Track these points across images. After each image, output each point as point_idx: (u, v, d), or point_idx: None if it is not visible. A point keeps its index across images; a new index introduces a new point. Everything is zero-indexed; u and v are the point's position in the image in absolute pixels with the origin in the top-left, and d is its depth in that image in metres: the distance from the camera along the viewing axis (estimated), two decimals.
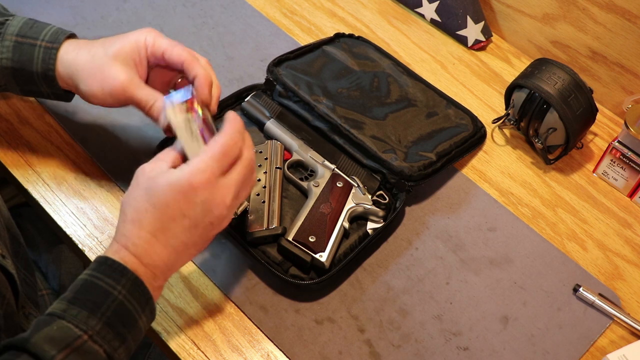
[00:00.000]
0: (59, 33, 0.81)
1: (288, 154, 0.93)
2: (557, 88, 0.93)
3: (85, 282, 0.66)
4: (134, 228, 0.68)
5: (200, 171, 0.67)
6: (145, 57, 0.79)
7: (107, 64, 0.77)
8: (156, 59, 0.79)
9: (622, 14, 0.98)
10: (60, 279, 1.01)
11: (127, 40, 0.78)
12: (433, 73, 1.10)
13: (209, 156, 0.68)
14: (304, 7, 1.16)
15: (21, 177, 0.89)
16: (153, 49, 0.79)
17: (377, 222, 0.88)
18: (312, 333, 0.80)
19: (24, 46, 0.80)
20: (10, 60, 0.81)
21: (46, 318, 0.63)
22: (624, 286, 0.88)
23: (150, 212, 0.67)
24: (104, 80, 0.78)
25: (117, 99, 0.79)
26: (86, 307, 0.63)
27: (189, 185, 0.67)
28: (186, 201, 0.67)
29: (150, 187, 0.68)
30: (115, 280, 0.65)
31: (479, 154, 1.01)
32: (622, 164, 0.96)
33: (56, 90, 0.83)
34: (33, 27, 0.82)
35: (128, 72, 0.78)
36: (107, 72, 0.77)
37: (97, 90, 0.79)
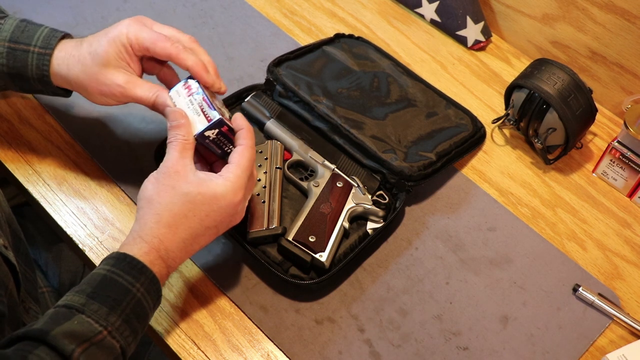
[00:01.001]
0: (50, 37, 0.81)
1: (288, 154, 0.93)
2: (557, 88, 0.93)
3: (104, 277, 0.67)
4: (169, 233, 0.70)
5: (240, 187, 0.73)
6: (132, 54, 0.79)
7: (99, 73, 0.78)
8: (144, 53, 0.79)
9: (621, 14, 0.98)
10: (60, 277, 1.01)
11: (110, 43, 0.78)
12: (433, 73, 1.10)
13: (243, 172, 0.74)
14: (304, 7, 1.16)
15: (22, 177, 0.89)
16: (137, 46, 0.78)
17: (377, 222, 0.88)
18: (312, 333, 0.80)
19: (17, 52, 0.81)
20: (5, 66, 0.81)
21: (64, 311, 0.64)
22: (623, 286, 0.89)
23: (189, 219, 0.71)
24: (101, 88, 0.79)
25: (118, 100, 0.80)
26: (107, 303, 0.65)
27: (229, 201, 0.72)
28: (223, 213, 0.73)
29: (194, 194, 0.71)
30: (135, 277, 0.67)
31: (479, 154, 1.01)
32: (622, 164, 0.96)
33: (54, 89, 0.83)
34: (25, 30, 0.81)
35: (121, 75, 0.78)
36: (102, 80, 0.78)
37: (97, 97, 0.80)
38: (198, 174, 0.72)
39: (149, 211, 0.71)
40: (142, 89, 0.78)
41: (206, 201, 0.71)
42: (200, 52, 0.80)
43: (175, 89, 0.79)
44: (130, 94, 0.78)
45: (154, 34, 0.79)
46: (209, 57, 0.81)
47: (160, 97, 0.78)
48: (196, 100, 0.77)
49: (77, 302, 0.65)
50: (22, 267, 0.84)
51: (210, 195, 0.71)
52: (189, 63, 0.78)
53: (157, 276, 0.69)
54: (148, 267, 0.68)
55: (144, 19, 0.81)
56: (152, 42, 0.78)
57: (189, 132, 0.74)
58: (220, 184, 0.72)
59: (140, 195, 0.73)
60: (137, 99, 0.78)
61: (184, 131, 0.73)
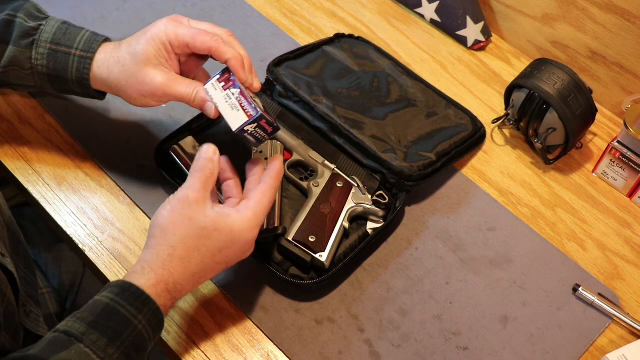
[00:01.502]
0: (92, 41, 0.82)
1: (288, 154, 0.93)
2: (557, 88, 0.93)
3: (107, 307, 0.65)
4: (181, 266, 0.69)
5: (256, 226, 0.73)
6: (172, 52, 0.79)
7: (139, 72, 0.78)
8: (183, 50, 0.79)
9: (621, 14, 0.98)
10: (60, 277, 1.01)
11: (150, 42, 0.78)
12: (433, 73, 1.10)
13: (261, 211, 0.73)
14: (304, 7, 1.16)
15: (21, 177, 0.89)
16: (177, 43, 0.78)
17: (377, 222, 0.88)
18: (312, 333, 0.80)
19: (58, 54, 0.81)
20: (45, 67, 0.82)
21: (64, 338, 0.62)
22: (623, 286, 0.89)
23: (202, 253, 0.70)
24: (141, 87, 0.78)
25: (159, 99, 0.80)
26: (106, 334, 0.63)
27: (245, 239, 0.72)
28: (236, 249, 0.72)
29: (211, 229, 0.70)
30: (138, 309, 0.66)
31: (479, 154, 1.01)
32: (622, 164, 0.96)
33: (91, 92, 0.84)
34: (67, 33, 0.82)
35: (162, 73, 0.78)
36: (142, 80, 0.78)
37: (138, 97, 0.80)
38: (215, 209, 0.71)
39: (163, 242, 0.69)
40: (183, 86, 0.78)
41: (222, 238, 0.70)
42: (237, 46, 0.80)
43: (211, 83, 0.79)
44: (171, 92, 0.78)
45: (193, 29, 0.78)
46: (245, 51, 0.80)
47: (200, 93, 0.78)
48: (234, 95, 0.77)
49: (77, 330, 0.63)
50: (22, 271, 0.83)
51: (227, 232, 0.71)
52: (228, 56, 0.77)
53: (160, 309, 0.68)
54: (153, 299, 0.67)
55: (180, 17, 0.81)
56: (192, 37, 0.78)
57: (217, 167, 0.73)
58: (238, 222, 0.71)
59: (154, 222, 0.71)
60: (178, 97, 0.79)
61: (213, 165, 0.73)
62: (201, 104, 0.78)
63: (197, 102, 0.78)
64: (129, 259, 0.84)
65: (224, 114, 0.77)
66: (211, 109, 0.78)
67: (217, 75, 0.79)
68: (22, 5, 0.84)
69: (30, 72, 0.83)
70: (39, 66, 0.82)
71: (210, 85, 0.79)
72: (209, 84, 0.79)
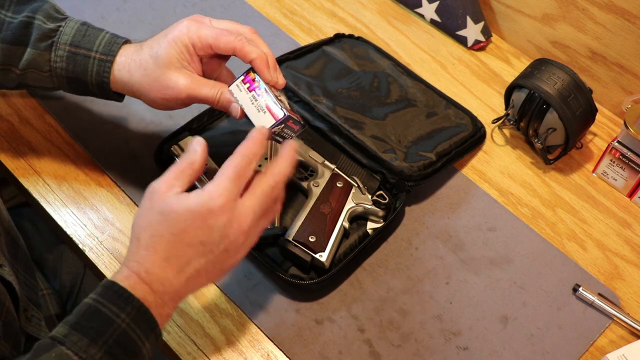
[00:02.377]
0: (112, 43, 0.80)
1: None
2: (557, 88, 0.93)
3: (89, 307, 0.64)
4: (148, 254, 0.66)
5: (218, 195, 0.65)
6: (194, 54, 0.77)
7: (162, 76, 0.76)
8: (206, 51, 0.77)
9: (621, 14, 0.98)
10: (61, 278, 1.01)
11: (171, 44, 0.76)
12: (433, 73, 1.10)
13: (223, 179, 0.66)
14: (304, 7, 1.16)
15: (21, 177, 0.89)
16: (199, 44, 0.77)
17: (377, 222, 0.88)
18: (312, 333, 0.80)
19: (77, 57, 0.80)
20: (64, 70, 0.81)
21: (47, 342, 0.61)
22: (623, 286, 0.89)
23: (166, 238, 0.66)
24: (164, 91, 0.77)
25: (182, 102, 0.79)
26: (88, 334, 0.61)
27: (207, 210, 0.65)
28: (203, 226, 0.66)
29: (167, 212, 0.66)
30: (120, 308, 0.63)
31: (479, 154, 1.01)
32: (622, 164, 0.96)
33: (110, 95, 0.83)
34: (86, 35, 0.81)
35: (185, 76, 0.77)
36: (165, 83, 0.76)
37: (160, 100, 0.79)
38: (179, 194, 0.67)
39: (132, 237, 0.67)
40: (207, 88, 0.77)
41: (180, 217, 0.65)
42: (261, 44, 0.78)
43: (236, 84, 0.77)
44: (195, 94, 0.77)
45: (215, 29, 0.77)
46: (268, 49, 0.79)
47: (224, 94, 0.77)
48: (260, 97, 0.76)
49: (60, 333, 0.62)
50: (22, 275, 0.83)
51: (184, 210, 0.65)
52: (253, 56, 0.76)
53: (144, 304, 0.64)
54: (135, 295, 0.64)
55: (201, 17, 0.79)
56: (215, 37, 0.76)
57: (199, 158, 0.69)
58: (193, 196, 0.66)
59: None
60: (202, 98, 0.77)
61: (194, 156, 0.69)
62: (226, 105, 0.77)
63: (221, 104, 0.77)
64: None
65: (250, 116, 0.76)
66: (237, 110, 0.77)
67: (242, 77, 0.77)
68: (41, 7, 0.82)
69: (48, 74, 0.82)
70: (58, 69, 0.81)
71: (235, 87, 0.77)
72: (234, 85, 0.77)
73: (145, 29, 1.08)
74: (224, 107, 0.78)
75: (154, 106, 0.80)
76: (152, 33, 1.07)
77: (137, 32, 1.08)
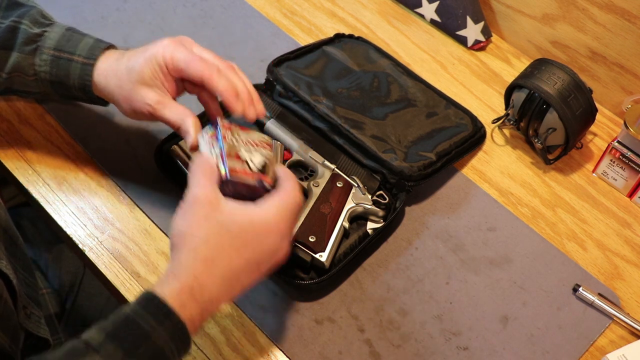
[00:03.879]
0: (94, 48, 0.81)
1: (288, 154, 0.93)
2: (557, 88, 0.93)
3: (127, 318, 0.61)
4: (205, 268, 0.64)
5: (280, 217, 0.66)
6: (168, 74, 0.77)
7: (133, 90, 0.77)
8: (178, 74, 0.78)
9: (621, 14, 0.98)
10: (60, 278, 1.01)
11: (147, 62, 0.77)
12: (433, 73, 1.10)
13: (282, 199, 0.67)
14: (304, 7, 1.16)
15: (21, 177, 0.89)
16: (172, 66, 0.77)
17: (377, 222, 0.88)
18: (312, 333, 0.80)
19: (61, 61, 0.82)
20: (48, 73, 0.82)
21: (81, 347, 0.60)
22: (623, 286, 0.89)
23: (227, 251, 0.64)
24: (132, 104, 0.78)
25: (147, 118, 0.79)
26: (123, 347, 0.60)
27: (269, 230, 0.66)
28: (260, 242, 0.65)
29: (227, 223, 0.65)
30: (159, 322, 0.61)
31: (479, 154, 1.01)
32: (622, 164, 0.96)
33: (94, 98, 0.84)
34: (70, 39, 0.82)
35: (154, 95, 0.77)
36: (135, 98, 0.77)
37: (130, 112, 0.80)
38: (230, 202, 0.66)
39: (183, 247, 0.64)
40: (171, 112, 0.77)
41: (243, 229, 0.65)
42: (235, 78, 0.78)
43: (205, 129, 0.75)
44: (159, 115, 0.77)
45: (190, 55, 0.76)
46: (248, 82, 0.79)
47: (184, 124, 0.76)
48: (215, 150, 0.72)
49: (95, 340, 0.60)
50: (20, 273, 0.83)
51: (247, 223, 0.65)
52: (220, 87, 0.75)
53: (185, 322, 0.62)
54: (175, 311, 0.61)
55: (185, 40, 0.79)
56: (186, 62, 0.76)
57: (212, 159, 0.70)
58: (256, 210, 0.66)
59: (172, 233, 0.66)
60: (164, 120, 0.78)
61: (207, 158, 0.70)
62: (184, 135, 0.76)
63: (181, 133, 0.77)
64: (129, 259, 0.84)
65: None
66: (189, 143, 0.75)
67: (208, 126, 0.75)
68: (28, 12, 0.84)
69: (33, 78, 0.83)
70: (42, 72, 0.82)
71: (203, 131, 0.75)
72: (204, 129, 0.75)
73: (145, 29, 1.08)
74: (182, 136, 0.77)
75: (126, 115, 0.81)
76: (152, 33, 1.07)
77: (137, 32, 1.08)
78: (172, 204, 0.88)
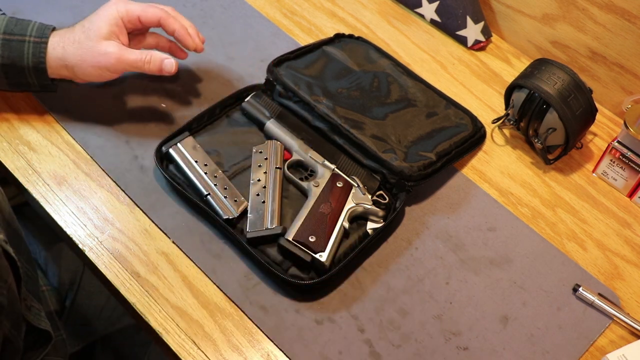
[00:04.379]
0: (43, 28, 0.88)
1: (288, 154, 0.93)
2: (557, 88, 0.93)
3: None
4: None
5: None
6: (123, 26, 0.89)
7: (94, 46, 0.87)
8: (133, 24, 0.90)
9: (621, 14, 0.98)
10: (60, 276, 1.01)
11: (102, 18, 0.87)
12: (433, 73, 1.10)
13: None
14: (304, 7, 1.16)
15: (21, 177, 0.89)
16: (128, 17, 0.88)
17: (377, 222, 0.88)
18: (312, 333, 0.80)
19: (12, 43, 0.86)
20: (0, 57, 0.85)
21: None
22: (623, 286, 0.89)
23: None
24: (96, 59, 0.87)
25: (113, 70, 0.88)
26: None
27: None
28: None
29: None
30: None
31: (479, 154, 1.01)
32: (622, 164, 0.96)
33: (44, 81, 0.89)
34: (17, 24, 0.87)
35: (115, 44, 0.87)
36: (97, 51, 0.87)
37: (93, 70, 0.88)
38: None
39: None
40: (136, 53, 0.88)
41: None
42: (182, 19, 0.92)
43: None
44: (124, 58, 0.87)
45: (142, 5, 0.90)
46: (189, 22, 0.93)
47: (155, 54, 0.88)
48: None
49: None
50: (24, 265, 0.84)
51: None
52: (175, 26, 0.90)
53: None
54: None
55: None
56: (143, 9, 0.89)
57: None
58: None
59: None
60: (131, 62, 0.88)
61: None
62: (158, 63, 0.88)
63: (152, 63, 0.88)
64: (129, 259, 0.84)
65: None
66: (171, 64, 0.89)
67: None
68: None
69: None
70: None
71: None
72: None
73: None
74: (156, 65, 0.88)
75: (87, 78, 0.89)
76: None
77: None
78: (172, 204, 0.88)
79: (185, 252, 0.85)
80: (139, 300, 0.80)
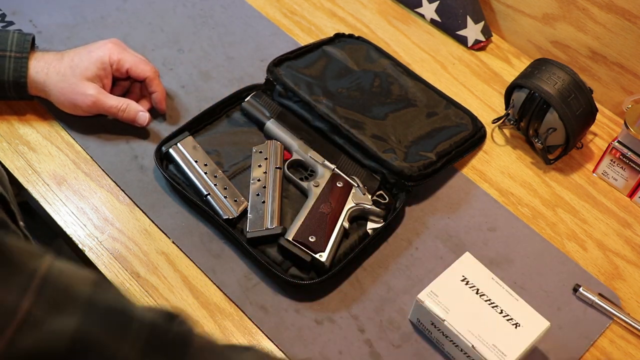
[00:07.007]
0: (22, 40, 0.89)
1: (288, 154, 0.93)
2: (557, 88, 0.93)
3: None
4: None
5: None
6: (110, 73, 0.91)
7: (76, 84, 0.89)
8: (120, 73, 0.92)
9: (622, 14, 0.98)
10: None
11: (93, 60, 0.90)
12: (433, 73, 1.10)
13: None
14: (304, 7, 1.16)
15: (21, 177, 0.89)
16: (118, 66, 0.91)
17: (377, 222, 0.88)
18: (312, 333, 0.80)
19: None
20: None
21: None
22: (623, 286, 0.88)
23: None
24: (74, 97, 0.89)
25: (87, 111, 0.91)
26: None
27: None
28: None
29: None
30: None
31: (479, 154, 1.01)
32: (622, 164, 0.96)
33: (24, 95, 0.91)
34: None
35: (95, 88, 0.90)
36: (77, 90, 0.89)
37: (68, 104, 0.90)
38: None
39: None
40: (114, 100, 0.91)
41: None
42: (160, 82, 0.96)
43: None
44: (100, 105, 0.90)
45: (134, 58, 0.92)
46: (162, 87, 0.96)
47: (132, 105, 0.91)
48: None
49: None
50: None
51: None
52: (158, 89, 0.94)
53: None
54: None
55: (120, 43, 0.93)
56: (134, 64, 0.92)
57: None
58: None
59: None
60: (106, 109, 0.90)
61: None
62: (133, 114, 0.91)
63: (127, 113, 0.91)
64: (129, 259, 0.84)
65: None
66: (145, 117, 0.92)
67: None
68: None
69: None
70: None
71: None
72: None
73: (145, 28, 1.08)
74: (130, 116, 0.91)
75: (61, 107, 0.92)
76: (151, 33, 1.08)
77: (137, 32, 1.08)
78: (172, 204, 0.88)
79: (185, 252, 0.85)
80: (139, 300, 0.80)
